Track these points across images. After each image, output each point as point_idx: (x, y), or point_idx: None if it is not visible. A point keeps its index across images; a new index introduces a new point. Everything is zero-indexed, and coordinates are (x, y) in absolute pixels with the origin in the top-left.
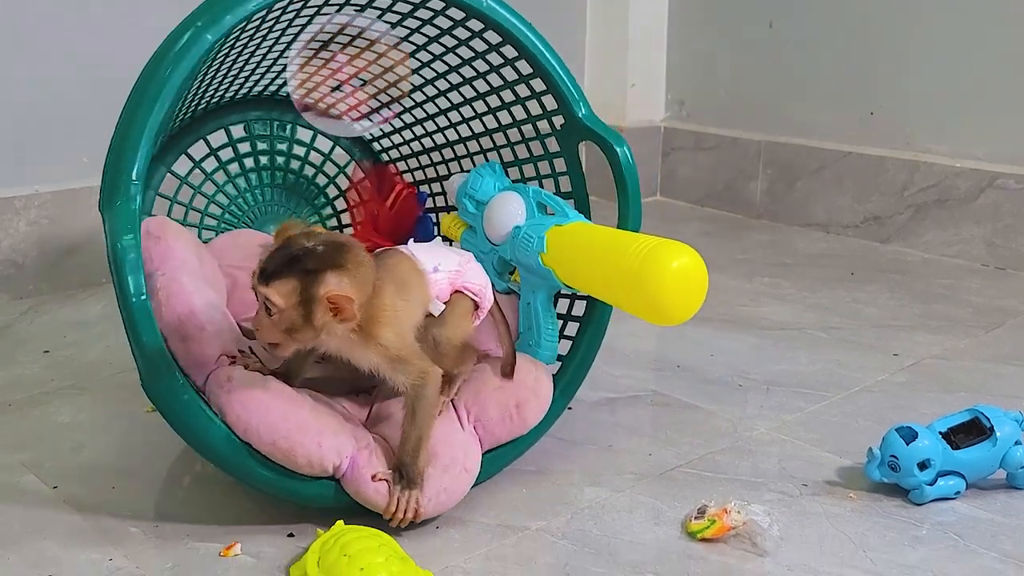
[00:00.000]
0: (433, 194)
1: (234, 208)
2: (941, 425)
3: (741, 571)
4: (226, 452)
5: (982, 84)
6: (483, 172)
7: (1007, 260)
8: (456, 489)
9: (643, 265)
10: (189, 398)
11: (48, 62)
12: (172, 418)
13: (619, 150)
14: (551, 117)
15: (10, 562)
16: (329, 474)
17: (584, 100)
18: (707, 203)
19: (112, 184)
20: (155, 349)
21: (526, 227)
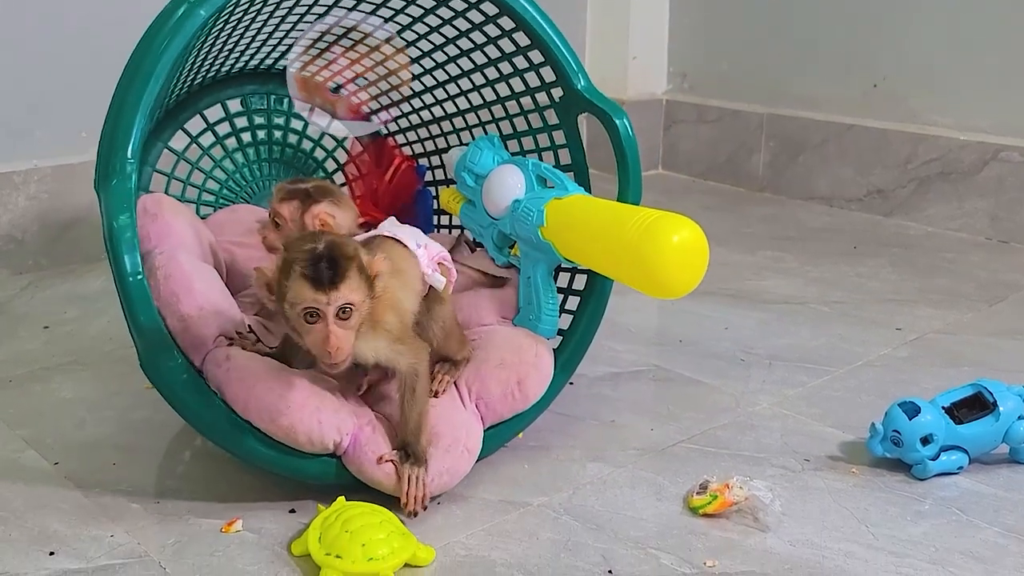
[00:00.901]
0: (432, 167)
1: (232, 183)
2: (944, 400)
3: (743, 546)
4: (226, 431)
5: (987, 56)
6: (482, 145)
7: (1011, 233)
8: (458, 469)
9: (643, 238)
10: (188, 377)
11: (46, 36)
12: (171, 398)
13: (618, 122)
14: (550, 89)
15: (12, 538)
16: (330, 451)
17: (583, 72)
18: (709, 176)
19: (107, 162)
20: (153, 329)
21: (525, 200)
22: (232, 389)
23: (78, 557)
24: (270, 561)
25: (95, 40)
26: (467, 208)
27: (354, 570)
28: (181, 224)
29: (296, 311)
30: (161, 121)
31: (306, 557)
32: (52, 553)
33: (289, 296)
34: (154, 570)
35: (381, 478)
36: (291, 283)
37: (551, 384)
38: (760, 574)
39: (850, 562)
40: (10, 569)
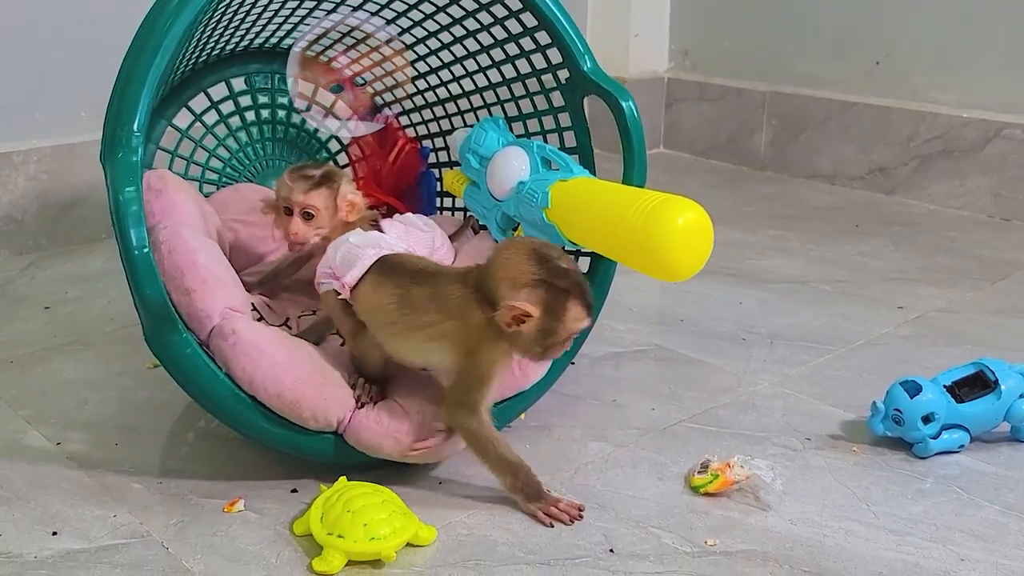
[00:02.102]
0: (436, 149)
1: (235, 162)
2: (945, 378)
3: (744, 525)
4: (230, 406)
5: (989, 33)
6: (486, 127)
7: (1013, 211)
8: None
9: (648, 221)
10: (192, 352)
11: (45, 15)
12: (176, 372)
13: (624, 104)
14: (556, 71)
15: (15, 519)
16: (332, 428)
17: (590, 53)
18: (711, 155)
19: (113, 135)
20: (158, 302)
21: (530, 182)
22: (238, 363)
23: (81, 537)
24: (272, 541)
25: (94, 20)
26: (471, 190)
27: (356, 549)
28: (185, 200)
29: (565, 336)
30: (165, 98)
31: (308, 537)
32: (55, 533)
33: (565, 327)
34: (156, 550)
35: (381, 442)
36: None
37: (553, 364)
38: (761, 552)
39: (851, 540)
40: (13, 549)
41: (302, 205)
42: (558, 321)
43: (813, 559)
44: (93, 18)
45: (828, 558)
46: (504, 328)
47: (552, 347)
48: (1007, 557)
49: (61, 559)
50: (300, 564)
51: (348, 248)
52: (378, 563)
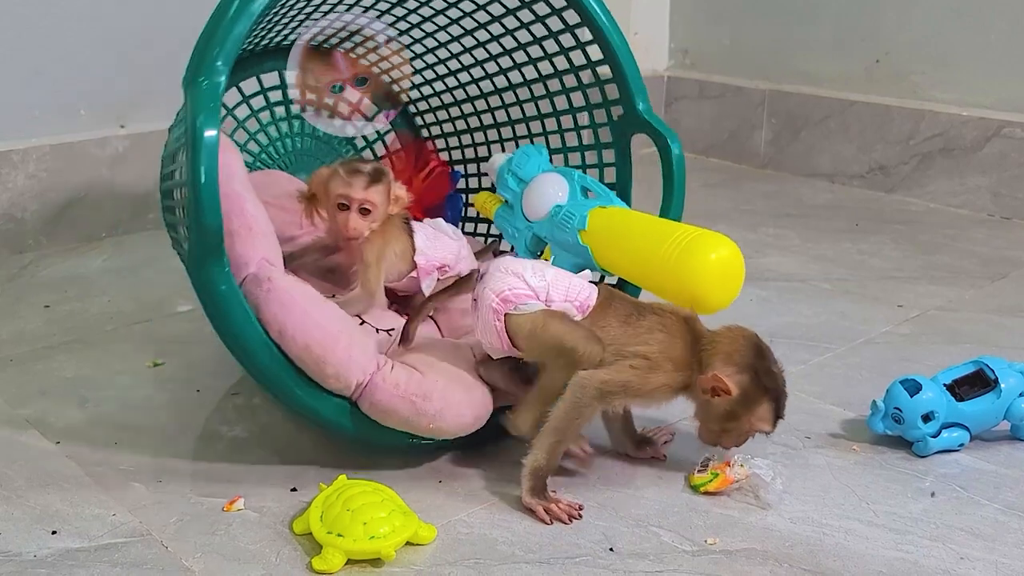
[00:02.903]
0: (467, 175)
1: (271, 150)
2: (945, 377)
3: (744, 524)
4: (257, 351)
5: (989, 32)
6: (529, 152)
7: (1013, 210)
8: (475, 408)
9: (682, 255)
10: (229, 289)
11: (45, 13)
12: (210, 306)
13: (673, 147)
14: (609, 107)
15: (14, 517)
16: (351, 391)
17: (644, 93)
18: (711, 153)
19: (199, 63)
20: (213, 231)
21: (568, 205)
22: (270, 311)
23: (80, 536)
24: (272, 540)
25: (94, 17)
26: (503, 210)
27: (356, 548)
28: (236, 160)
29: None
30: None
31: (308, 535)
32: (54, 532)
33: (749, 421)
34: (156, 548)
35: (397, 405)
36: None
37: None
38: (761, 551)
39: (850, 539)
40: (12, 548)
41: (361, 201)
42: (746, 412)
43: (813, 557)
44: (93, 16)
45: (828, 556)
46: (699, 392)
47: (728, 433)
48: (1007, 556)
49: (61, 558)
50: (300, 563)
51: (540, 268)
52: (378, 562)
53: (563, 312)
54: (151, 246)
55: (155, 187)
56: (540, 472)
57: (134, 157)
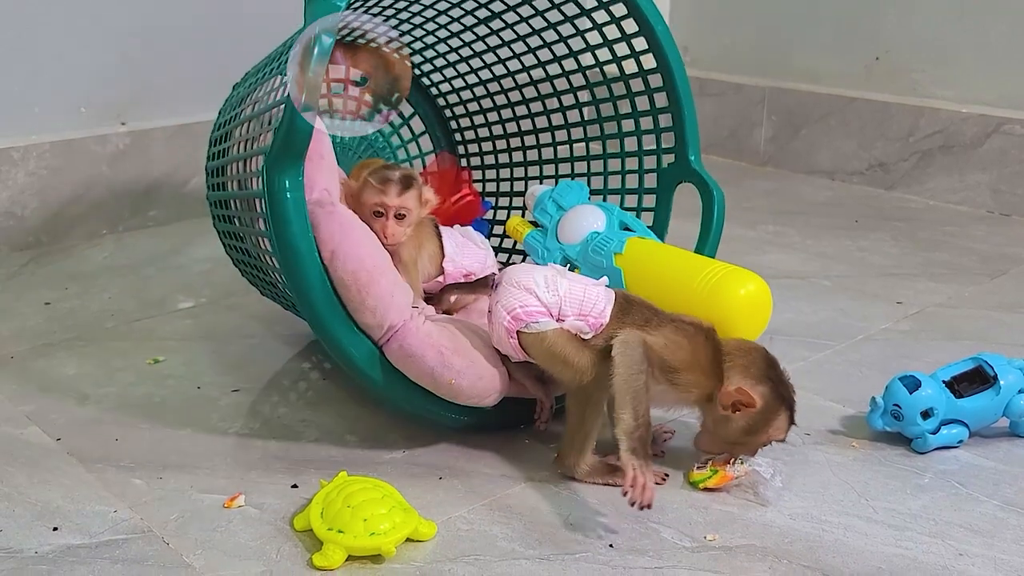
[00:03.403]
0: (497, 207)
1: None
2: (944, 373)
3: (743, 520)
4: (306, 265)
5: (989, 28)
6: (572, 186)
7: (1013, 207)
8: (495, 378)
9: (714, 289)
10: (295, 196)
11: (43, 9)
12: (274, 209)
13: (716, 197)
14: (661, 154)
15: (15, 514)
16: (383, 331)
17: (698, 145)
18: (711, 151)
19: None
20: (303, 134)
21: (606, 232)
22: (328, 231)
23: (81, 532)
24: (272, 536)
25: (94, 14)
26: (536, 234)
27: (356, 545)
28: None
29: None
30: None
31: (308, 532)
32: (55, 528)
33: (767, 431)
34: (157, 545)
35: (425, 351)
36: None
37: None
38: (760, 547)
39: (849, 535)
40: (14, 544)
41: (397, 207)
42: (765, 424)
43: (812, 554)
44: (93, 13)
45: (827, 553)
46: (720, 408)
47: (743, 445)
48: (1005, 552)
49: (62, 554)
50: (300, 559)
51: (552, 281)
52: (378, 558)
53: (572, 336)
54: (152, 243)
55: (156, 184)
56: (633, 432)
57: (134, 154)
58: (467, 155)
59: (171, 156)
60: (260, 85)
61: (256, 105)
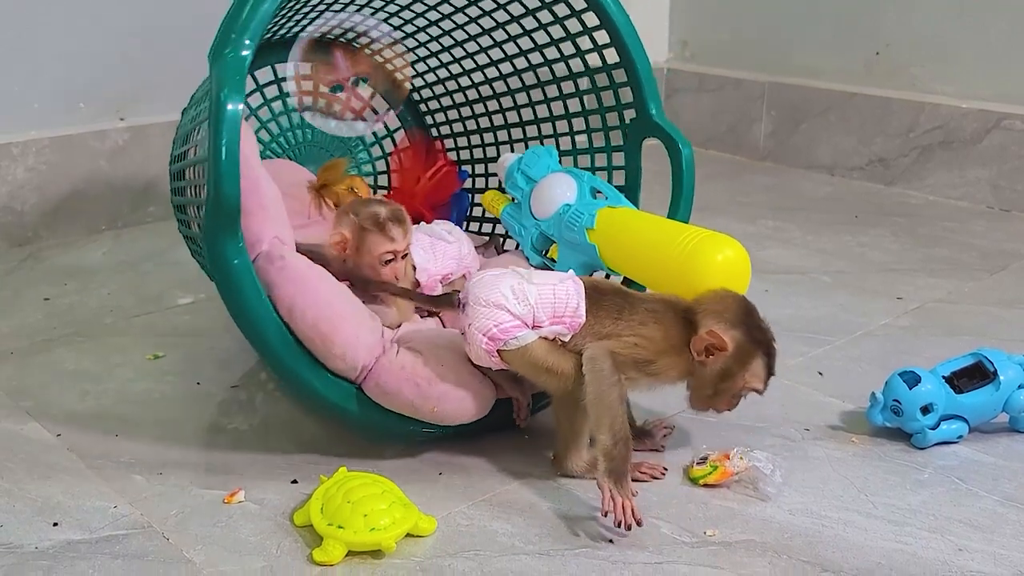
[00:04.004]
0: (475, 175)
1: (282, 140)
2: (944, 369)
3: (744, 515)
4: (265, 328)
5: (989, 24)
6: (539, 153)
7: (1013, 202)
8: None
9: (690, 256)
10: (242, 263)
11: (43, 7)
12: (222, 281)
13: (684, 152)
14: (622, 110)
15: (15, 509)
16: (356, 372)
17: (657, 98)
18: (710, 146)
19: (225, 35)
20: (231, 203)
21: (577, 204)
22: (282, 287)
23: (81, 528)
24: (272, 532)
25: (94, 12)
26: (511, 209)
27: (356, 540)
28: (251, 141)
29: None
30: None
31: (308, 527)
32: (56, 524)
33: (743, 378)
34: (157, 541)
35: (401, 386)
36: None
37: None
38: (760, 543)
39: (849, 531)
40: (14, 540)
41: (406, 249)
42: (740, 369)
43: (812, 549)
44: (92, 9)
45: (827, 548)
46: (695, 355)
47: (720, 395)
48: (1005, 547)
49: (62, 550)
50: (300, 555)
51: (520, 291)
52: (378, 554)
53: (552, 344)
54: (151, 239)
55: (155, 180)
56: (611, 451)
57: (133, 150)
58: (436, 125)
59: (170, 152)
60: (198, 125)
61: (197, 149)
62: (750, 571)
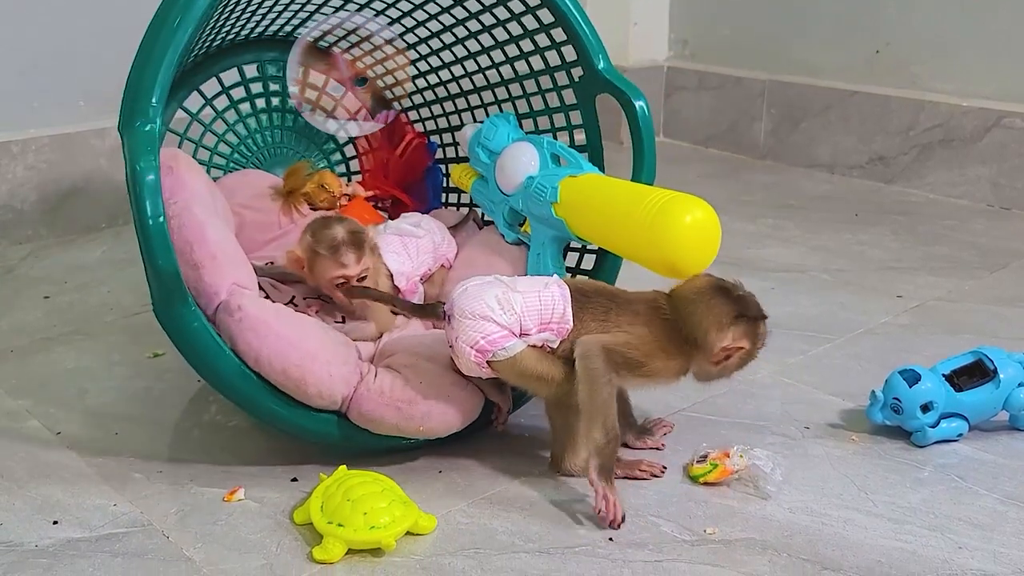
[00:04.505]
0: (444, 144)
1: (243, 148)
2: (944, 367)
3: (743, 513)
4: (236, 382)
5: (989, 22)
6: (497, 122)
7: (1013, 200)
8: (463, 406)
9: (656, 219)
10: (200, 326)
11: (42, 5)
12: (183, 346)
13: (637, 104)
14: (570, 69)
15: (15, 508)
16: (337, 406)
17: (604, 52)
18: (710, 144)
19: (132, 105)
20: (170, 274)
21: (539, 177)
22: (244, 339)
23: (81, 526)
24: (272, 530)
25: (92, 9)
26: (479, 184)
27: (356, 538)
28: (196, 179)
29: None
30: (177, 81)
31: (308, 526)
32: (55, 522)
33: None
34: (157, 539)
35: (383, 413)
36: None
37: None
38: (760, 541)
39: (849, 529)
40: (14, 538)
41: (359, 274)
42: (754, 344)
43: (812, 547)
44: (91, 6)
45: (827, 546)
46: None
47: (730, 368)
48: (1005, 545)
49: (62, 548)
50: (300, 553)
51: (506, 300)
52: (378, 552)
53: (540, 351)
54: None
55: None
56: (604, 449)
57: None
58: (395, 97)
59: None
60: None
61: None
62: (750, 569)
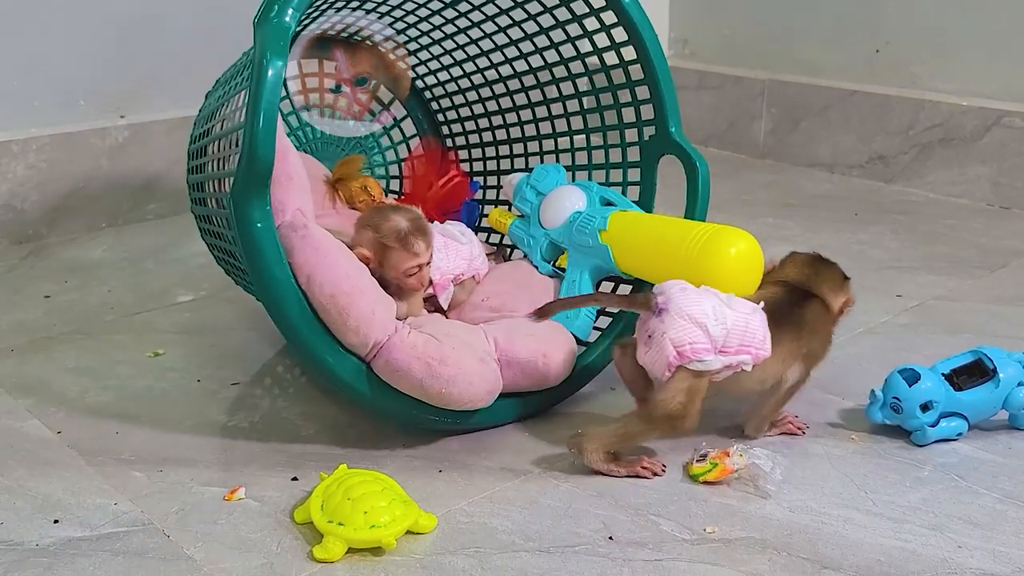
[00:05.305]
0: (485, 187)
1: (293, 139)
2: (944, 366)
3: (743, 513)
4: (282, 293)
5: (989, 21)
6: (547, 170)
7: (1013, 200)
8: (487, 380)
9: (703, 251)
10: (265, 226)
11: (43, 3)
12: (245, 240)
13: (701, 170)
14: (642, 127)
15: (16, 507)
16: (368, 349)
17: (678, 115)
18: (710, 143)
19: (271, 2)
20: (264, 165)
21: (587, 210)
22: (303, 255)
23: (82, 525)
24: (273, 529)
25: (94, 8)
26: (519, 223)
27: (356, 537)
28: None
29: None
30: None
31: (308, 525)
32: (56, 521)
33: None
34: (158, 538)
35: (411, 364)
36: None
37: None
38: (760, 540)
39: (849, 528)
40: (15, 537)
41: (429, 258)
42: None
43: (811, 546)
44: (92, 5)
45: (826, 545)
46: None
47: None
48: (1004, 544)
49: (62, 547)
50: (301, 552)
51: (720, 312)
52: (378, 551)
53: (709, 382)
54: (151, 236)
55: (155, 177)
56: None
57: (134, 147)
58: (451, 135)
59: (170, 149)
60: (228, 100)
61: (224, 123)
62: (750, 568)
